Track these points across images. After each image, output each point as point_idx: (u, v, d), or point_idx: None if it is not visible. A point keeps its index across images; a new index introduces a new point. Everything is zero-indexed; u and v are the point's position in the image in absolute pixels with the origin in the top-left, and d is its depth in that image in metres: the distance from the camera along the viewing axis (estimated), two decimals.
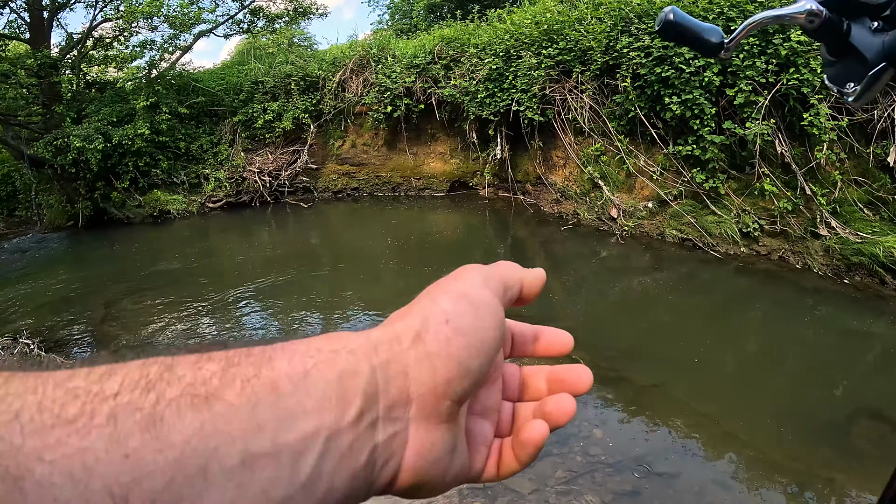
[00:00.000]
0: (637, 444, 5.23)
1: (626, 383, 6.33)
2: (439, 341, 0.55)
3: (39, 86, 17.27)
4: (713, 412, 5.71)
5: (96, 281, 12.49)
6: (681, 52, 10.40)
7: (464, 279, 0.63)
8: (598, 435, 5.37)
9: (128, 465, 0.38)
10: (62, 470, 0.36)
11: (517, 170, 14.61)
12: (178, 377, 0.44)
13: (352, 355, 0.53)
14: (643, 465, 4.96)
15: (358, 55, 17.29)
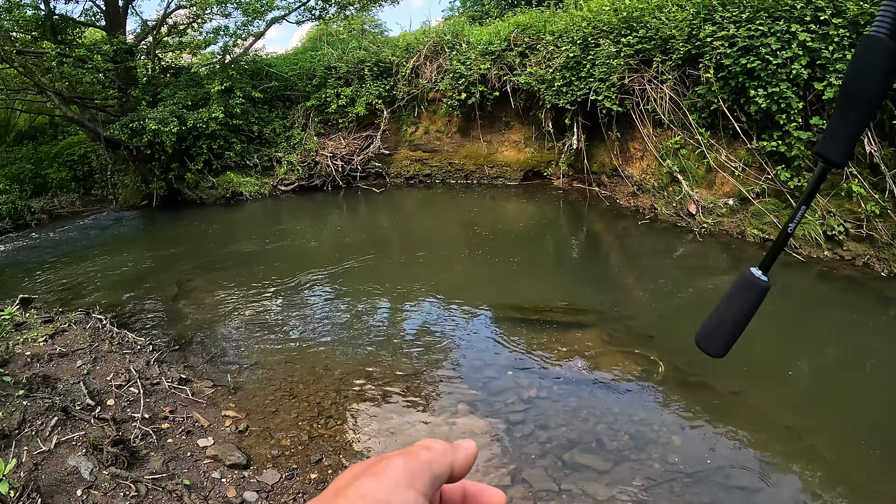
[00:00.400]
0: (717, 455, 5.15)
1: (706, 389, 6.23)
2: None
3: (115, 70, 17.77)
4: (795, 425, 5.58)
5: (169, 260, 12.79)
6: (768, 42, 10.12)
7: (386, 479, 0.59)
8: (676, 442, 5.33)
9: None
10: None
11: (593, 161, 14.48)
12: None
13: None
14: (723, 477, 4.90)
15: (432, 41, 17.32)
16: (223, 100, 17.15)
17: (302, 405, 6.29)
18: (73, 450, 4.90)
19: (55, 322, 7.93)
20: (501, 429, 5.68)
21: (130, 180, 19.16)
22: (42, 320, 7.96)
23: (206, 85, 17.53)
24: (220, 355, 7.80)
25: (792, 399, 6.11)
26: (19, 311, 8.20)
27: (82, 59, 16.34)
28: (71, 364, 6.57)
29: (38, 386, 5.79)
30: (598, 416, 5.79)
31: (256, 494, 4.89)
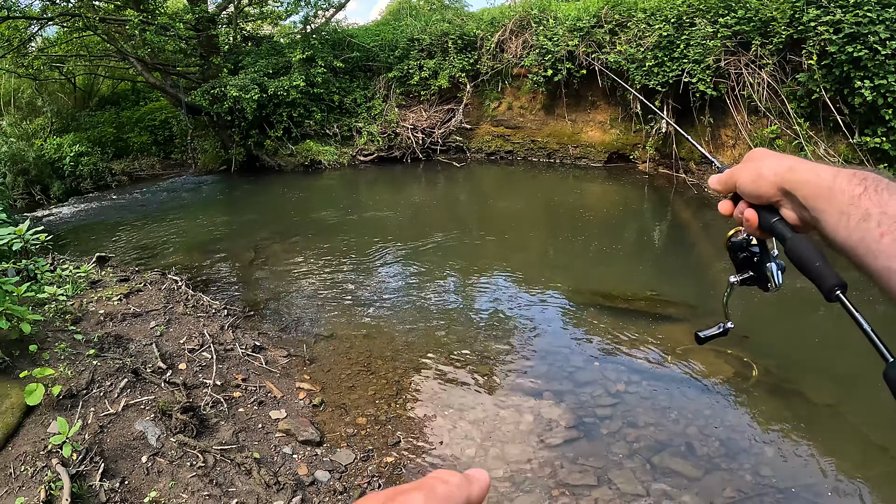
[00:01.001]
0: (808, 472, 5.02)
1: (800, 399, 6.03)
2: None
3: (197, 38, 18.04)
4: (890, 445, 5.33)
5: (245, 225, 12.99)
6: (876, 30, 9.66)
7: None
8: (768, 453, 5.20)
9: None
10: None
11: (681, 146, 14.15)
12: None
13: None
14: (813, 496, 4.77)
15: (518, 15, 17.08)
16: (304, 69, 17.26)
17: (380, 382, 6.29)
18: (141, 414, 4.95)
19: (130, 281, 8.08)
20: (588, 423, 5.60)
21: (210, 146, 19.53)
22: (118, 279, 8.14)
23: (288, 54, 17.65)
24: (296, 324, 7.90)
25: (888, 416, 5.85)
26: (95, 269, 8.38)
27: (164, 26, 16.58)
28: (144, 325, 6.67)
29: (109, 345, 5.88)
30: (689, 417, 5.66)
31: (329, 474, 4.86)
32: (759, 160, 1.18)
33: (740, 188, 1.21)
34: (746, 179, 1.19)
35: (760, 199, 1.18)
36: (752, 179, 1.17)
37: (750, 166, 1.19)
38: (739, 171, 1.21)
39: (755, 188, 1.17)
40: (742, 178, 1.20)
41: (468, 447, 5.20)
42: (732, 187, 1.23)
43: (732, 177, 1.22)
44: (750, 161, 1.21)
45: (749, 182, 1.18)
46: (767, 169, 1.15)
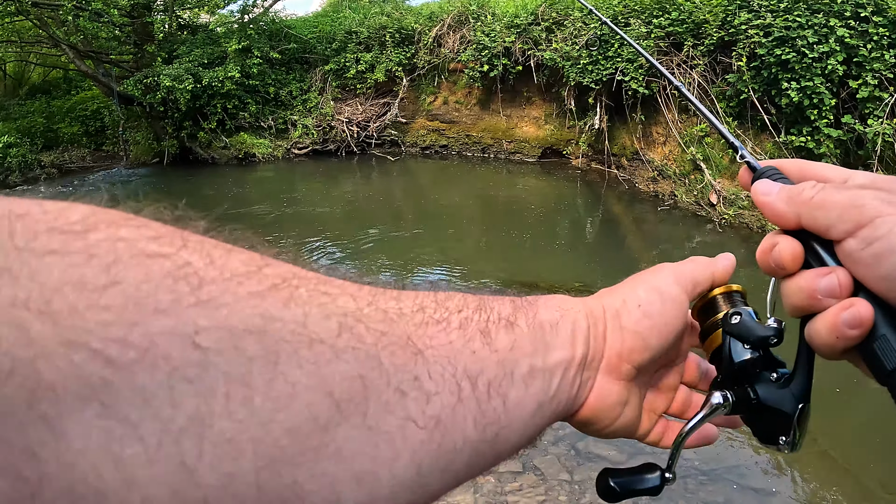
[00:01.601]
0: (733, 455, 5.20)
1: None
2: (631, 320, 0.73)
3: (132, 25, 17.65)
4: (812, 428, 5.51)
5: (177, 219, 12.76)
6: (805, 34, 10.03)
7: (659, 274, 0.78)
8: None
9: (475, 359, 0.59)
10: (441, 354, 0.56)
11: (614, 142, 14.39)
12: (491, 307, 0.65)
13: (578, 314, 0.72)
14: (737, 477, 4.94)
15: (457, 10, 17.17)
16: (240, 59, 17.06)
17: None
18: None
19: None
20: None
21: (142, 137, 19.14)
22: None
23: (224, 44, 17.41)
24: None
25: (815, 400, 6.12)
26: None
27: (99, 12, 16.20)
28: None
29: None
30: None
31: None
32: None
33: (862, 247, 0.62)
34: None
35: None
36: None
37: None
38: (861, 199, 0.63)
39: None
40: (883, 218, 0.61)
41: None
42: (822, 223, 0.66)
43: (823, 203, 0.66)
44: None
45: None
46: None
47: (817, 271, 0.67)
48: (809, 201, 0.68)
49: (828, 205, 0.65)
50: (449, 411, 0.54)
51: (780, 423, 0.76)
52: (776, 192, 0.73)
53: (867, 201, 0.62)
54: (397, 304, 0.57)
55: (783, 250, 0.70)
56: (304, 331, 0.46)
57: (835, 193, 0.66)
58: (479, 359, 0.59)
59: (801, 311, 0.69)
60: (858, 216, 0.62)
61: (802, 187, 0.70)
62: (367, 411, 0.48)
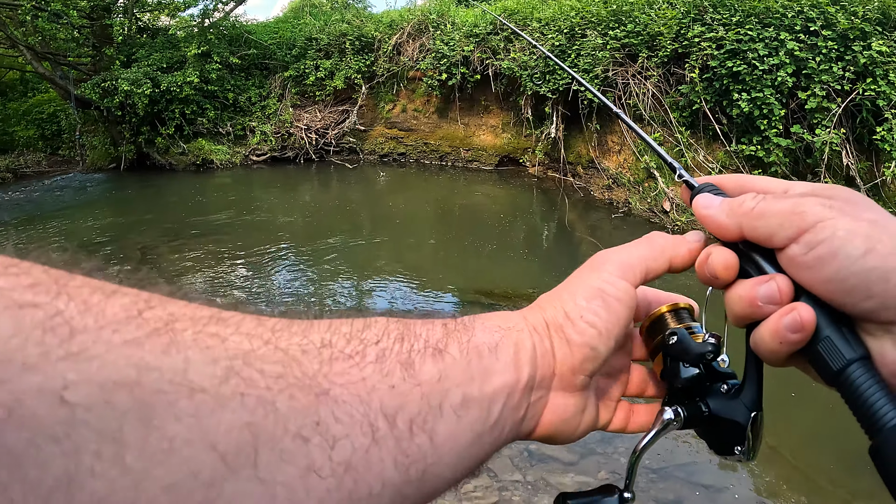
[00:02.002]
0: (682, 452, 5.26)
1: None
2: (576, 332, 0.69)
3: (91, 28, 17.46)
4: (766, 423, 5.68)
5: (133, 225, 12.67)
6: (756, 47, 10.28)
7: (601, 270, 0.73)
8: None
9: (394, 395, 0.54)
10: (351, 392, 0.51)
11: (570, 151, 14.56)
12: (417, 334, 0.61)
13: (520, 333, 0.68)
14: (688, 474, 5.00)
15: (416, 19, 17.24)
16: (199, 64, 16.96)
17: None
18: None
19: None
20: None
21: (99, 142, 18.90)
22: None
23: (183, 48, 17.31)
24: None
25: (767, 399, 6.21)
26: None
27: (57, 13, 16.02)
28: None
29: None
30: None
31: None
32: (864, 208, 0.64)
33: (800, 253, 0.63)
34: (846, 237, 0.60)
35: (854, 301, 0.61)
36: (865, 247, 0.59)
37: (847, 210, 0.63)
38: (802, 206, 0.64)
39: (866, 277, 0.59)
40: (823, 224, 0.62)
41: None
42: (763, 233, 0.67)
43: (763, 213, 0.67)
44: (836, 200, 0.64)
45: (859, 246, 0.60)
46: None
47: (756, 279, 0.68)
48: (750, 212, 0.68)
49: (768, 214, 0.66)
50: (361, 455, 0.50)
51: (734, 433, 0.76)
52: (717, 204, 0.73)
53: (808, 207, 0.63)
54: (302, 340, 0.52)
55: (716, 261, 0.71)
56: (184, 379, 0.42)
57: (775, 203, 0.67)
58: (398, 394, 0.55)
59: (743, 321, 0.70)
60: (800, 222, 0.63)
61: (743, 199, 0.70)
62: (259, 463, 0.44)
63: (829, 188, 0.67)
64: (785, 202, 0.66)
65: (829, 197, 0.65)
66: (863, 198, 0.66)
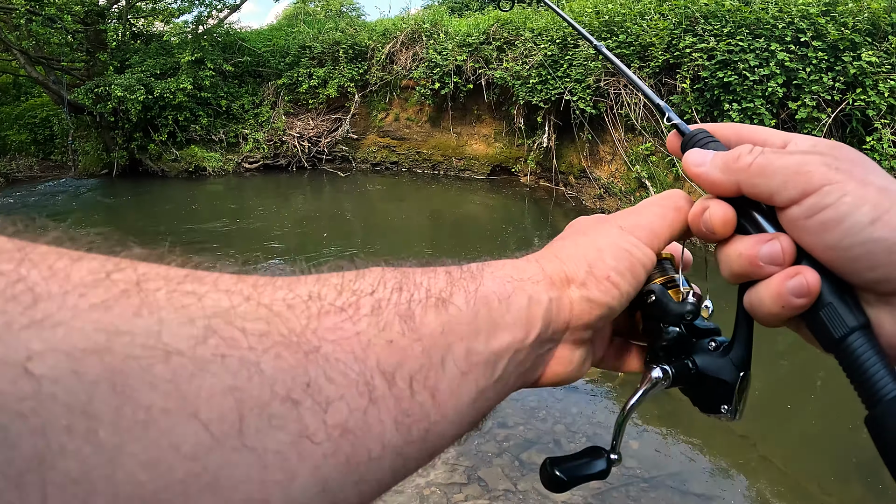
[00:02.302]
0: (674, 461, 5.25)
1: (663, 394, 6.29)
2: (601, 291, 0.66)
3: (85, 33, 17.42)
4: (751, 434, 5.69)
5: (126, 231, 12.15)
6: (746, 58, 10.31)
7: (630, 234, 0.72)
8: (633, 446, 5.37)
9: (392, 350, 0.50)
10: (345, 349, 0.47)
11: (561, 160, 14.58)
12: (417, 283, 0.57)
13: (536, 286, 0.64)
14: (679, 483, 4.99)
15: (410, 28, 17.27)
16: (193, 71, 16.94)
17: None
18: None
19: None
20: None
21: (92, 147, 18.87)
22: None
23: (177, 54, 17.29)
24: None
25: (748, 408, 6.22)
26: None
27: (52, 18, 16.01)
28: None
29: None
30: (556, 416, 5.84)
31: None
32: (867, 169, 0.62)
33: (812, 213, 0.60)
34: (856, 200, 0.58)
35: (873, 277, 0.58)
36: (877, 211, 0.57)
37: (856, 172, 0.61)
38: (807, 166, 0.61)
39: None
40: (836, 185, 0.59)
41: None
42: (764, 190, 0.64)
43: (763, 170, 0.63)
44: (843, 162, 0.62)
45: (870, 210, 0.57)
46: None
47: (758, 237, 0.65)
48: (748, 168, 0.65)
49: (770, 171, 0.63)
50: (359, 417, 0.46)
51: (720, 391, 0.74)
52: (709, 160, 0.70)
53: (814, 168, 0.60)
54: (286, 294, 0.48)
55: (714, 215, 0.68)
56: (158, 342, 0.39)
57: (777, 159, 0.63)
58: (397, 349, 0.51)
59: (740, 279, 0.68)
60: (805, 183, 0.60)
61: (738, 153, 0.67)
62: (246, 430, 0.40)
63: (832, 145, 0.65)
64: (788, 159, 0.63)
65: (836, 157, 0.62)
66: (868, 160, 0.64)
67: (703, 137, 0.77)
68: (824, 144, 0.65)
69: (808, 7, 10.11)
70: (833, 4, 10.15)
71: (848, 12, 9.92)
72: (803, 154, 0.63)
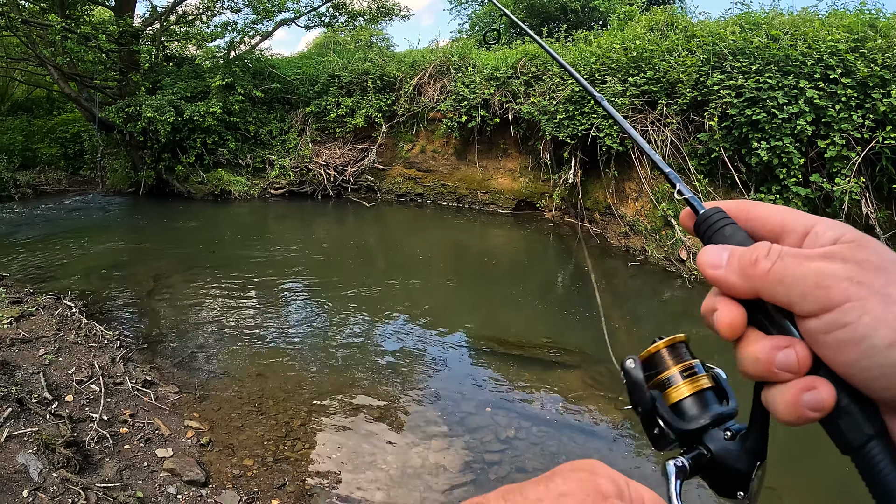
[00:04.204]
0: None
1: None
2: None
3: (119, 53, 17.65)
4: (778, 486, 5.47)
5: (148, 252, 12.65)
6: (775, 95, 10.16)
7: None
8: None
9: None
10: None
11: (587, 197, 14.46)
12: None
13: None
14: None
15: (438, 60, 17.36)
16: (223, 95, 17.12)
17: (269, 423, 6.07)
18: (24, 446, 4.69)
19: (23, 304, 7.75)
20: (476, 468, 5.52)
21: (120, 165, 19.09)
22: (10, 300, 7.78)
23: (208, 78, 17.50)
24: (190, 360, 7.58)
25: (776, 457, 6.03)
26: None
27: (87, 36, 16.26)
28: (33, 351, 6.38)
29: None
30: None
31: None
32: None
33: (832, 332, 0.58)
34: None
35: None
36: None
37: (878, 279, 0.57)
38: (827, 279, 0.58)
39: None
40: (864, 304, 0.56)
41: (354, 491, 5.07)
42: (783, 299, 0.61)
43: (782, 278, 0.60)
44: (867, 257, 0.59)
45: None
46: None
47: (775, 342, 0.62)
48: (766, 275, 0.62)
49: (788, 280, 0.60)
50: None
51: (737, 478, 0.72)
52: (725, 262, 0.66)
53: (834, 282, 0.57)
54: None
55: (721, 321, 0.66)
56: None
57: (796, 266, 0.60)
58: None
59: (756, 378, 0.64)
60: (825, 299, 0.58)
61: (756, 255, 0.63)
62: None
63: (857, 245, 0.60)
64: (808, 267, 0.60)
65: (859, 265, 0.58)
66: (893, 262, 0.59)
67: (719, 220, 0.74)
68: (849, 248, 0.60)
69: (837, 44, 9.97)
70: (862, 41, 10.02)
71: (877, 48, 9.78)
72: (824, 260, 0.59)
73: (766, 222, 0.69)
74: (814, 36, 10.45)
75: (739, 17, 12.58)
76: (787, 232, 0.66)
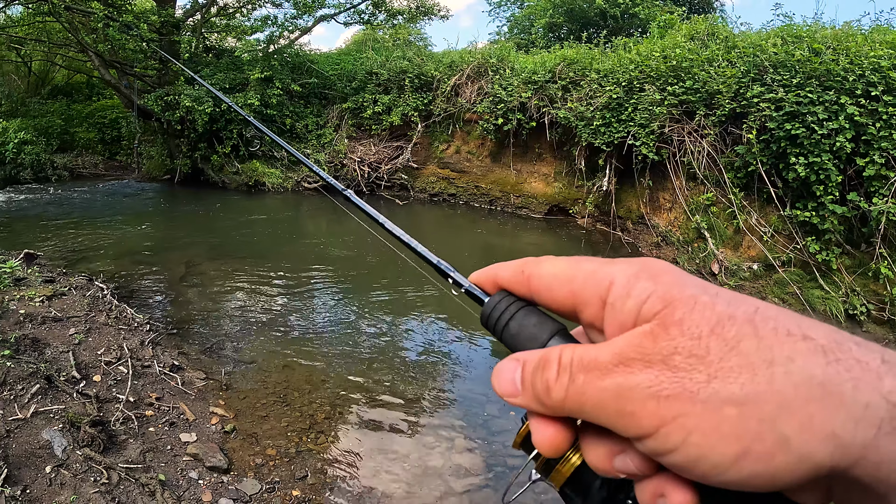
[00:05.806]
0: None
1: None
2: None
3: (159, 42, 17.80)
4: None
5: (181, 239, 12.75)
6: (815, 110, 10.05)
7: None
8: None
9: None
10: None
11: (620, 205, 14.38)
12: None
13: None
14: None
15: (476, 62, 17.33)
16: (261, 88, 17.28)
17: (294, 414, 6.12)
18: (50, 422, 4.78)
19: (56, 283, 7.87)
20: (498, 471, 5.52)
21: (156, 152, 19.36)
22: (43, 279, 7.91)
23: (247, 71, 17.67)
24: (218, 347, 7.66)
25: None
26: (21, 266, 8.13)
27: (128, 25, 16.46)
28: (64, 330, 6.49)
29: (25, 348, 5.71)
30: None
31: (232, 503, 4.70)
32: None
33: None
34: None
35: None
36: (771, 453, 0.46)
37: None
38: (629, 404, 0.51)
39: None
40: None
41: (375, 486, 5.12)
42: (601, 422, 0.54)
43: (581, 405, 0.54)
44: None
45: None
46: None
47: (609, 447, 0.55)
48: (563, 405, 0.55)
49: (589, 408, 0.53)
50: None
51: None
52: (520, 386, 0.59)
53: (639, 406, 0.50)
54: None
55: (542, 443, 0.59)
56: None
57: (591, 389, 0.53)
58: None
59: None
60: (636, 428, 0.50)
61: (546, 382, 0.56)
62: None
63: (661, 325, 0.51)
64: (604, 390, 0.52)
65: (667, 356, 0.50)
66: (719, 323, 0.50)
67: (504, 310, 0.68)
68: (651, 328, 0.52)
69: (880, 60, 9.84)
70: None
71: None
72: (622, 372, 0.51)
73: (555, 296, 0.62)
74: (856, 51, 10.32)
75: (781, 29, 12.44)
76: (580, 305, 0.59)
